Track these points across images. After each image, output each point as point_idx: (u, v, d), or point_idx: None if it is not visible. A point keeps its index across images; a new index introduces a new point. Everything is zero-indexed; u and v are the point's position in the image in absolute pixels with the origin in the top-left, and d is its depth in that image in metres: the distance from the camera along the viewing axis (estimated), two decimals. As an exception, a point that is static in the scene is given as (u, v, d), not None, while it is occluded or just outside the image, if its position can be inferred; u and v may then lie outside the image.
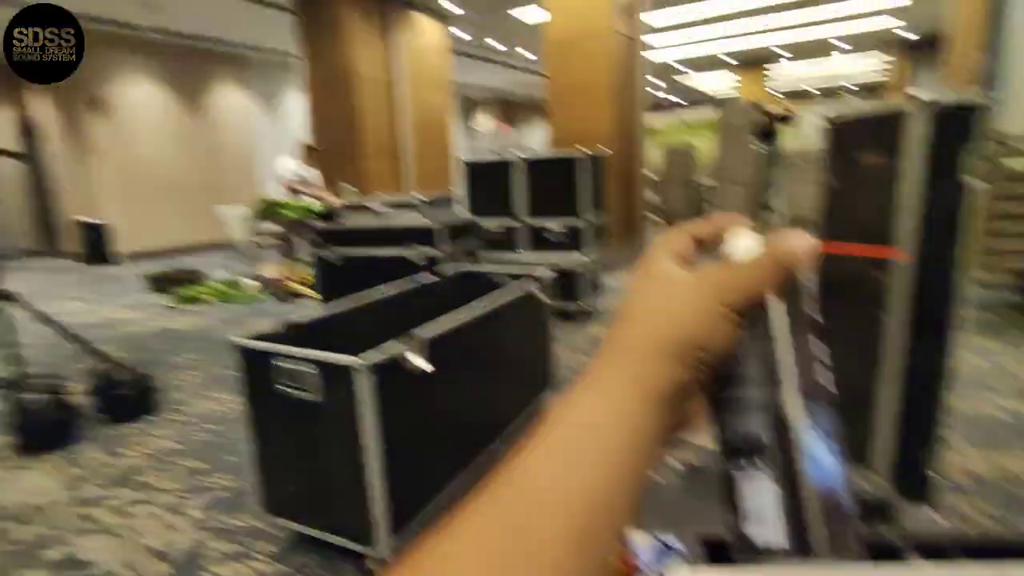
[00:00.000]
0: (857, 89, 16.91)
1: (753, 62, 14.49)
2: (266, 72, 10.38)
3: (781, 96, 15.12)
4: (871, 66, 14.59)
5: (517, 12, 8.62)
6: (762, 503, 0.27)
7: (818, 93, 17.22)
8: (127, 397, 2.63)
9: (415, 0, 7.36)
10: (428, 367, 1.57)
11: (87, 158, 8.31)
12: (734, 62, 14.42)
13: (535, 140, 11.95)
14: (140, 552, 1.72)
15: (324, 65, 6.86)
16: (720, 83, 16.32)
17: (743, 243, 0.31)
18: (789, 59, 14.28)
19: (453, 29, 8.52)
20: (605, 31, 5.33)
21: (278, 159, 5.94)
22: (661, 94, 17.49)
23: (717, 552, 0.75)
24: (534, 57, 11.46)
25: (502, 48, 10.76)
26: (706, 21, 10.00)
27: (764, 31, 11.15)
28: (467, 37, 9.31)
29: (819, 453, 0.26)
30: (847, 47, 13.06)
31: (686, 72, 14.84)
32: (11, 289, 2.63)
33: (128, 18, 7.67)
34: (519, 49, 11.03)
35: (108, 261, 8.22)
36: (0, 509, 1.98)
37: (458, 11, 8.00)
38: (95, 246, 8.24)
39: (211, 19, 7.85)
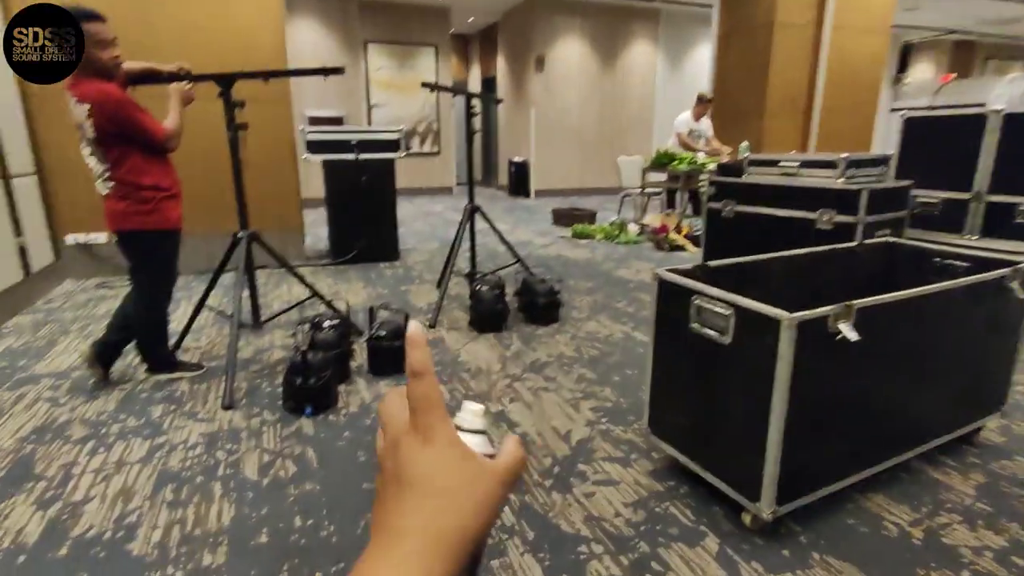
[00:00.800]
0: None
1: None
2: (675, 26, 10.54)
3: None
4: None
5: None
6: None
7: None
8: (542, 304, 3.19)
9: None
10: (855, 337, 1.41)
11: (523, 108, 10.08)
12: None
13: (999, 95, 9.07)
14: (548, 428, 2.11)
15: (739, 11, 6.53)
16: None
17: (473, 418, 0.31)
18: None
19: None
20: None
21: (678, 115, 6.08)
22: None
23: None
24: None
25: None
26: None
27: None
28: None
29: None
30: None
31: None
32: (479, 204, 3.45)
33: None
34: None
35: (525, 194, 9.99)
36: (463, 363, 2.70)
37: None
38: (518, 180, 10.10)
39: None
